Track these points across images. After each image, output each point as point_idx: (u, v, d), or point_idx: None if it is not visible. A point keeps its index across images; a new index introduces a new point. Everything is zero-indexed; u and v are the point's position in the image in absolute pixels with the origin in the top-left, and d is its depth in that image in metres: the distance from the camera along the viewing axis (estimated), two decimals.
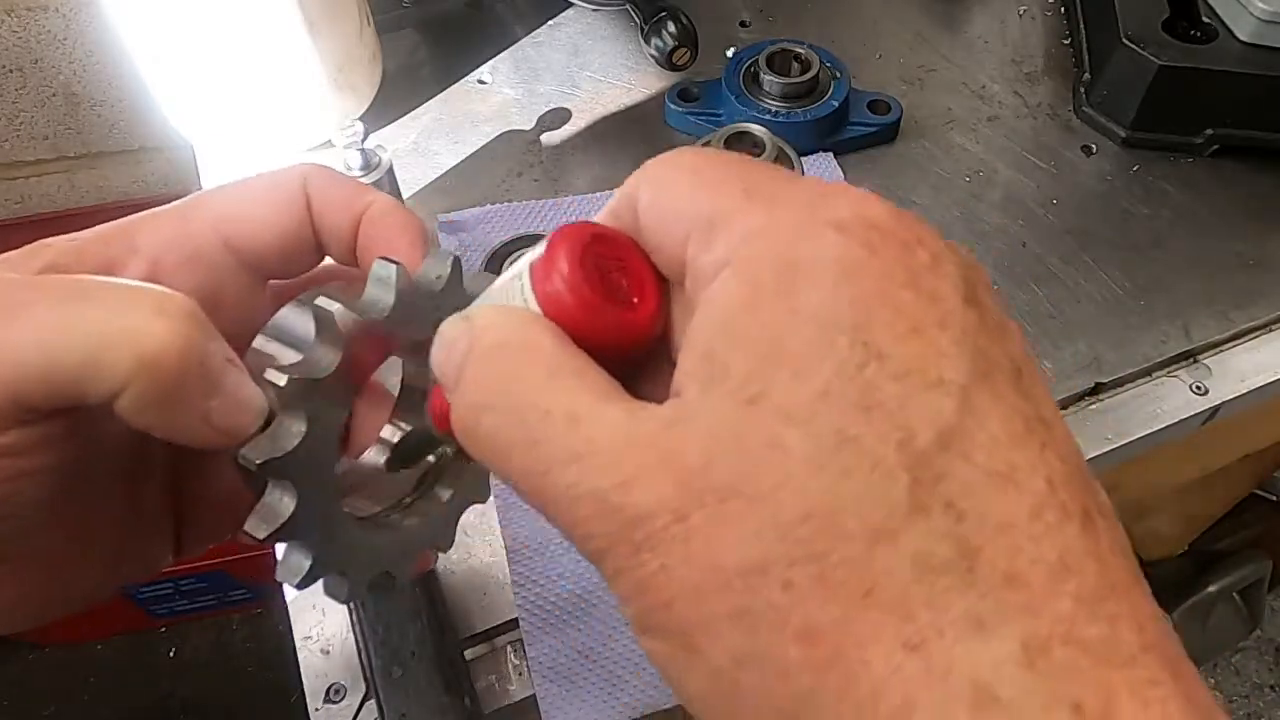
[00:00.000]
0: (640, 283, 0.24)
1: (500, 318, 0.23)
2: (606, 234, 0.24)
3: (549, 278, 0.23)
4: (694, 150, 0.24)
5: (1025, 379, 0.21)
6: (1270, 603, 1.58)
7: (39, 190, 1.37)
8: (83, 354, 0.24)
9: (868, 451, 0.18)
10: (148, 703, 1.44)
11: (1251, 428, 0.79)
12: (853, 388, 0.19)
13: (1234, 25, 0.72)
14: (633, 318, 0.24)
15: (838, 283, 0.20)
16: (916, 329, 0.19)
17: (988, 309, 0.21)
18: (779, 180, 0.22)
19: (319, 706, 0.50)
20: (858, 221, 0.21)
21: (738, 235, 0.21)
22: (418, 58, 0.82)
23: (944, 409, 0.19)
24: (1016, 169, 0.74)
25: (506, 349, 0.22)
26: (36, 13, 1.17)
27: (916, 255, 0.21)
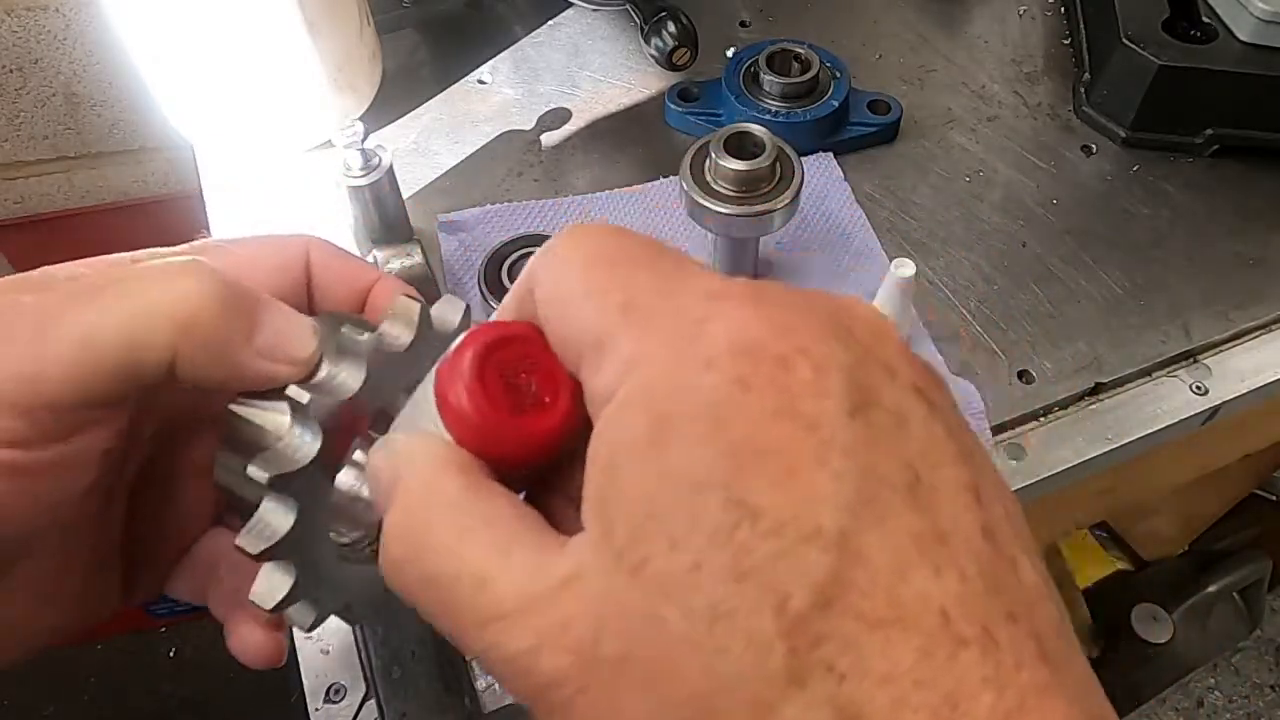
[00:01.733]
0: (550, 379, 0.24)
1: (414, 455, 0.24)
2: (508, 335, 0.24)
3: (450, 397, 0.24)
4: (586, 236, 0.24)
5: (924, 483, 0.20)
6: (1270, 603, 1.58)
7: (39, 190, 1.37)
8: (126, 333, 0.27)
9: (741, 626, 0.18)
10: (148, 703, 1.44)
11: (1251, 428, 0.79)
12: (725, 555, 0.18)
13: (1234, 25, 0.72)
14: (540, 425, 0.24)
15: (707, 436, 0.19)
16: (791, 471, 0.19)
17: (882, 408, 0.20)
18: (657, 293, 0.22)
19: (319, 706, 0.50)
20: (730, 353, 0.20)
21: (618, 365, 0.21)
22: (418, 58, 0.82)
23: (819, 565, 0.18)
24: (1016, 169, 0.74)
25: (418, 499, 0.23)
26: (36, 13, 1.17)
27: (796, 373, 0.20)
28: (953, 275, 0.67)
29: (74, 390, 0.26)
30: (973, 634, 0.18)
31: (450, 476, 0.23)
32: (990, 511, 0.20)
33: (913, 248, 0.69)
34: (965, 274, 0.67)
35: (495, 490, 0.23)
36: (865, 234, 0.69)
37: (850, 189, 0.71)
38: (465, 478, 0.23)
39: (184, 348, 0.27)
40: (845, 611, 0.18)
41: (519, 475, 0.25)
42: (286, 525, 0.27)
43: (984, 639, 0.18)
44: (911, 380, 0.21)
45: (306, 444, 0.27)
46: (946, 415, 0.22)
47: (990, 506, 0.21)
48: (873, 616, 0.18)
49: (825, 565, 0.18)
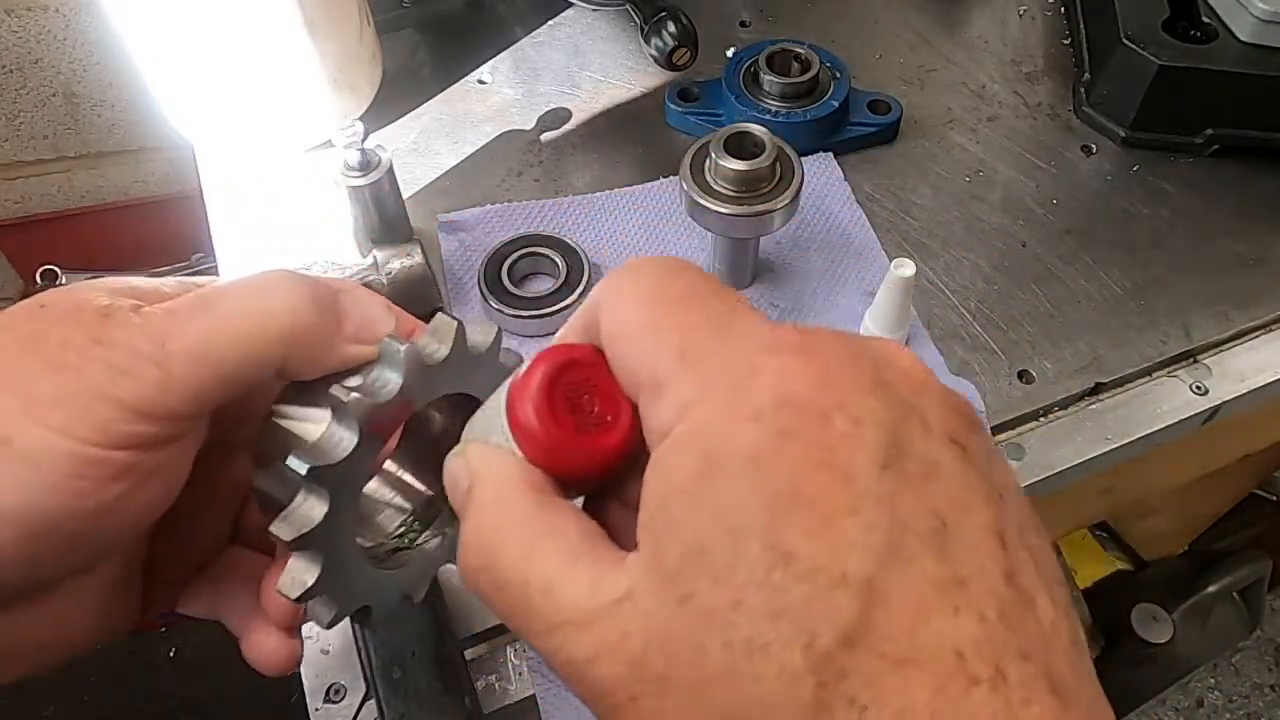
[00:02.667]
0: (612, 401, 0.26)
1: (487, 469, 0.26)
2: (575, 358, 0.26)
3: (520, 416, 0.26)
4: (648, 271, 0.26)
5: (950, 530, 0.21)
6: (1270, 603, 1.58)
7: (39, 190, 1.37)
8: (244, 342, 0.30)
9: (774, 658, 0.20)
10: (148, 703, 1.44)
11: (1251, 428, 0.79)
12: (762, 595, 0.21)
13: (1234, 25, 0.72)
14: (603, 444, 0.26)
15: (753, 482, 0.21)
16: (826, 521, 0.21)
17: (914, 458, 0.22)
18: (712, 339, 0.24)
19: (319, 706, 0.50)
20: (775, 405, 0.22)
21: (674, 406, 0.23)
22: (418, 58, 0.82)
23: (847, 608, 0.20)
24: (1016, 169, 0.74)
25: (492, 513, 0.26)
26: (36, 13, 1.17)
27: (834, 427, 0.22)
28: (953, 275, 0.67)
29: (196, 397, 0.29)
30: (985, 673, 0.20)
31: (520, 492, 0.26)
32: (1014, 554, 0.22)
33: (913, 248, 0.69)
34: (965, 274, 0.67)
35: (560, 505, 0.26)
36: (865, 234, 0.69)
37: (850, 189, 0.71)
38: (534, 494, 0.26)
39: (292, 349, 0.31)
40: (868, 651, 0.20)
41: (581, 487, 0.27)
42: (320, 515, 0.29)
43: (995, 677, 0.20)
44: (945, 429, 0.23)
45: (345, 439, 0.29)
46: (978, 460, 0.23)
47: (1014, 549, 0.22)
48: (893, 656, 0.20)
49: (852, 609, 0.20)
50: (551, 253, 0.65)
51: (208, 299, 0.31)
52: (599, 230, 0.69)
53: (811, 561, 0.20)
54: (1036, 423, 0.62)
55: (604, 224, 0.69)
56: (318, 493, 0.29)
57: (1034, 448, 0.60)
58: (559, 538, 0.25)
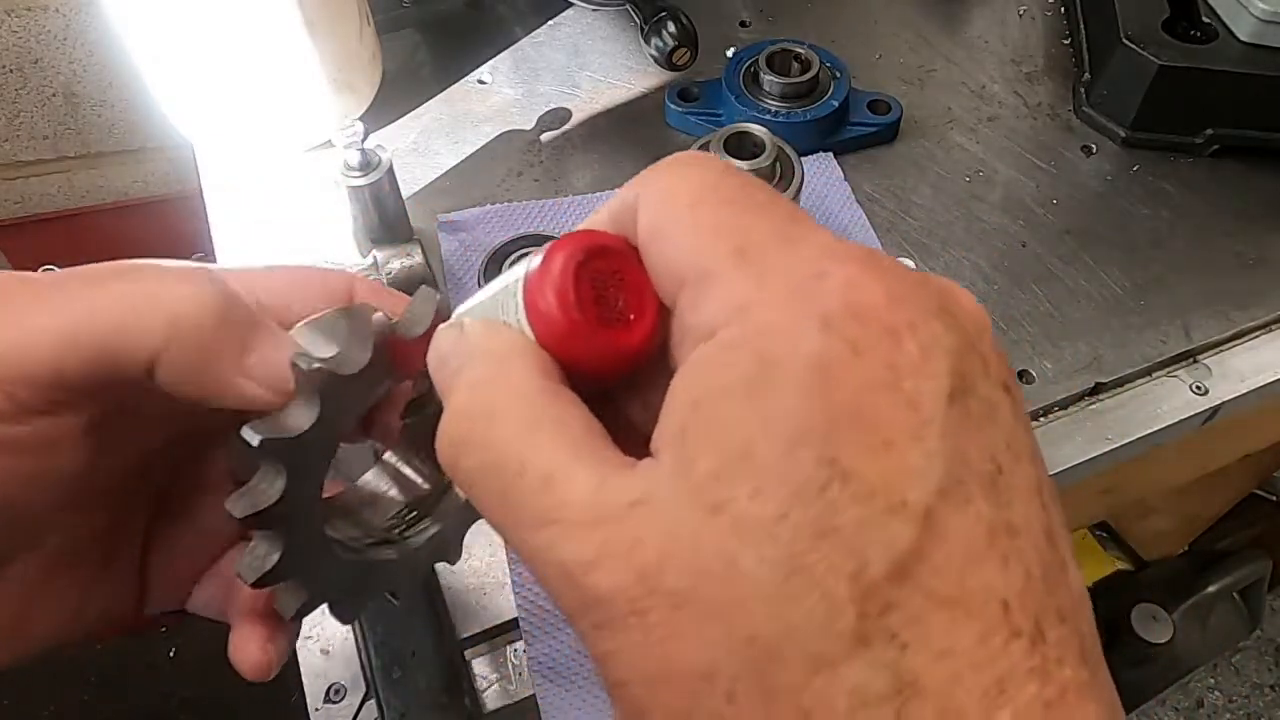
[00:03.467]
0: (638, 297, 0.24)
1: (489, 343, 0.24)
2: (604, 246, 0.24)
3: (540, 297, 0.23)
4: (698, 168, 0.23)
5: (1005, 476, 0.20)
6: (1270, 603, 1.58)
7: (39, 190, 1.37)
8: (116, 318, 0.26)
9: (818, 582, 0.19)
10: (148, 703, 1.44)
11: (1251, 428, 0.79)
12: (811, 513, 0.19)
13: (1234, 25, 0.72)
14: (625, 340, 0.23)
15: (812, 391, 0.20)
16: (888, 443, 0.19)
17: (977, 396, 0.21)
18: (774, 241, 0.22)
19: (319, 706, 0.50)
20: (845, 314, 0.20)
21: (725, 305, 0.21)
22: (418, 58, 0.82)
23: (901, 537, 0.19)
24: (1016, 169, 0.74)
25: (490, 386, 0.23)
26: (36, 13, 1.17)
27: (904, 349, 0.20)
28: (953, 275, 0.67)
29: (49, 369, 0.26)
30: (1027, 627, 0.19)
31: (529, 369, 0.23)
32: (1052, 514, 0.21)
33: (913, 248, 0.69)
34: (965, 274, 0.67)
35: (569, 395, 0.23)
36: (865, 234, 0.69)
37: (850, 189, 0.71)
38: (541, 375, 0.23)
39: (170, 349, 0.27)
40: (917, 586, 0.19)
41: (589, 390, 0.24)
42: (276, 492, 0.27)
43: (1035, 633, 0.19)
44: (1002, 375, 0.22)
45: (302, 414, 0.27)
46: (1023, 413, 0.22)
47: (1052, 510, 0.21)
48: (941, 595, 0.19)
49: (907, 538, 0.19)
50: None
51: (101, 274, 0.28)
52: None
53: (869, 483, 0.19)
54: (1036, 423, 0.62)
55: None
56: (275, 468, 0.27)
57: None
58: (565, 425, 0.22)
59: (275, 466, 0.27)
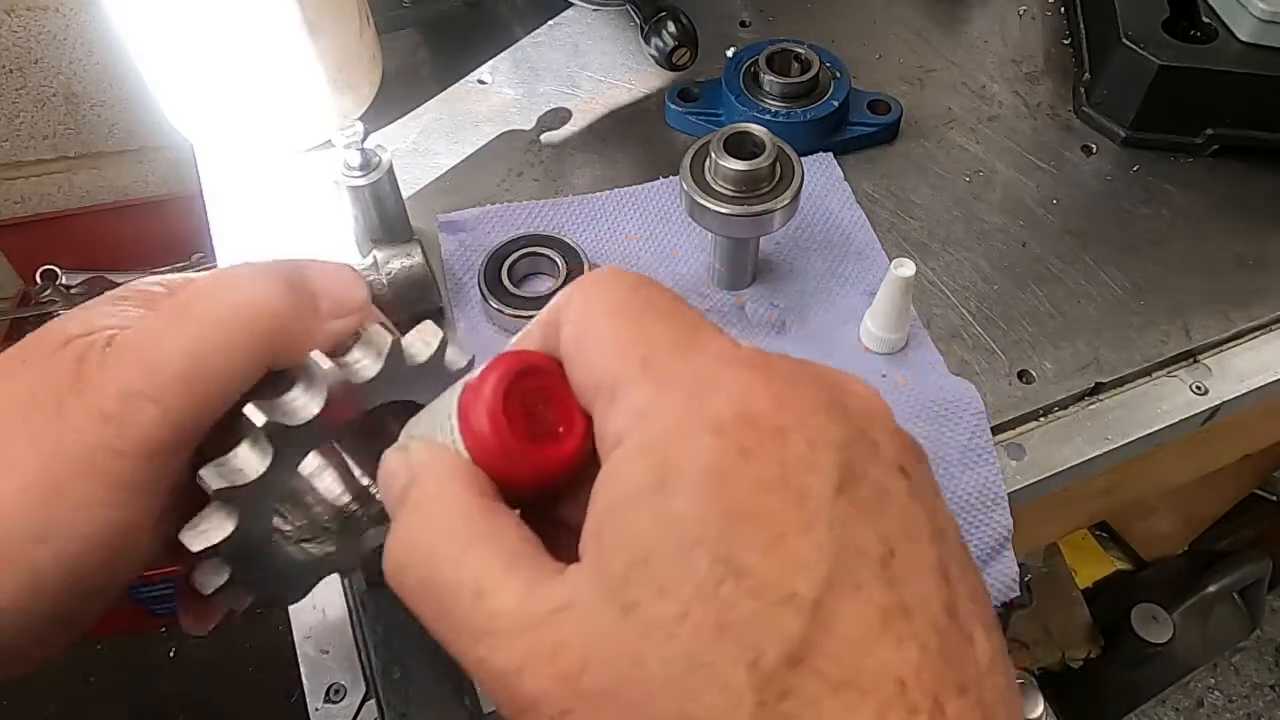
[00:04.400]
0: (566, 411, 0.26)
1: (430, 465, 0.26)
2: (532, 365, 0.26)
3: (473, 419, 0.25)
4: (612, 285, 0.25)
5: (897, 560, 0.21)
6: (1270, 603, 1.58)
7: (39, 190, 1.37)
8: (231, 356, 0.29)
9: (717, 675, 0.20)
10: (148, 703, 1.44)
11: (1251, 428, 0.79)
12: (710, 610, 0.20)
13: (1234, 25, 0.72)
14: (554, 454, 0.25)
15: (707, 494, 0.21)
16: (779, 538, 0.21)
17: (867, 483, 0.22)
18: (674, 350, 0.24)
19: (319, 706, 0.50)
20: (735, 419, 0.22)
21: (630, 413, 0.23)
22: (418, 58, 0.82)
23: (793, 626, 0.20)
24: (1016, 169, 0.74)
25: (429, 507, 0.25)
26: (36, 13, 1.17)
27: (791, 447, 0.22)
28: (953, 275, 0.67)
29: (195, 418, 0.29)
30: (924, 704, 0.20)
31: (465, 490, 0.25)
32: (955, 589, 0.22)
33: (913, 248, 0.69)
34: (965, 274, 0.67)
35: (502, 510, 0.25)
36: (865, 234, 0.69)
37: (850, 189, 0.71)
38: (477, 495, 0.25)
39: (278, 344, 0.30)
40: (811, 672, 0.20)
41: (524, 500, 0.26)
42: (228, 530, 0.29)
43: (934, 709, 0.20)
44: (896, 458, 0.23)
45: (255, 462, 0.29)
46: (924, 494, 0.23)
47: (956, 584, 0.22)
48: (835, 679, 0.20)
49: (798, 628, 0.20)
50: (551, 253, 0.65)
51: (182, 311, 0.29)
52: (599, 230, 0.69)
53: (762, 578, 0.20)
54: (1036, 423, 0.62)
55: (604, 224, 0.69)
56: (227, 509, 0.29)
57: (1034, 448, 0.60)
58: (497, 541, 0.24)
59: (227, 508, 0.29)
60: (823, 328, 0.64)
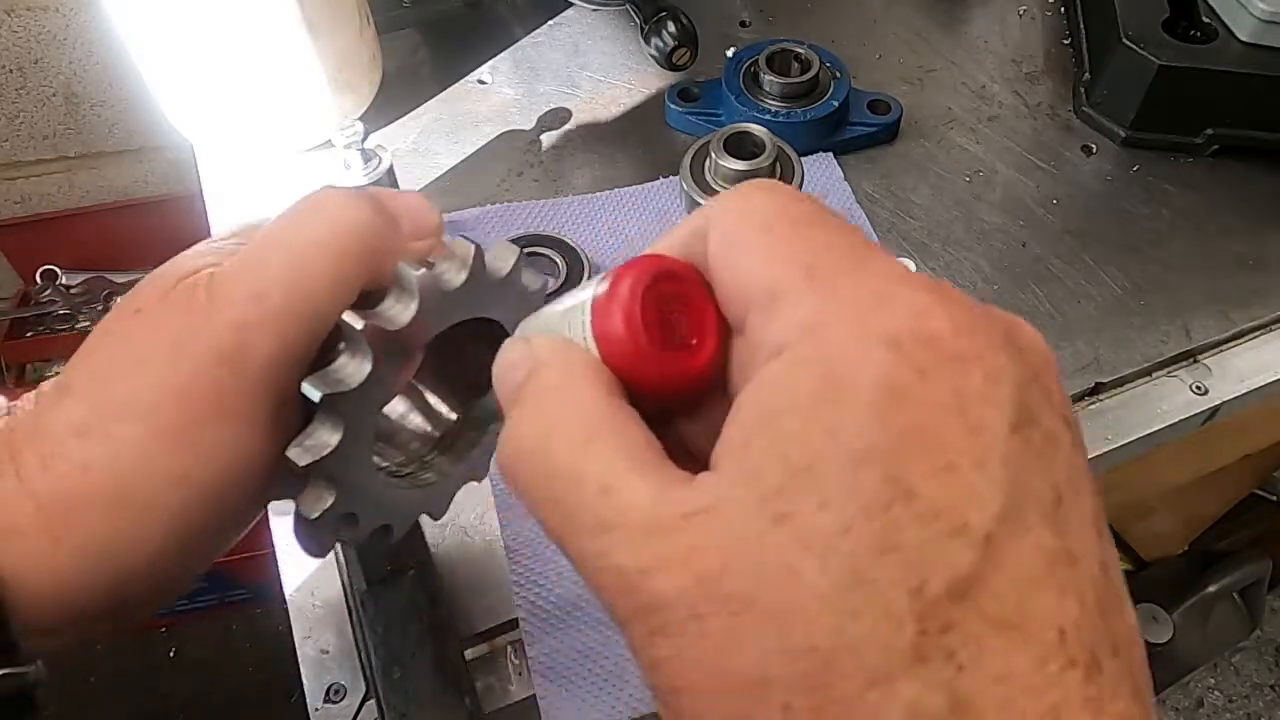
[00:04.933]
0: (701, 323, 0.24)
1: (555, 356, 0.24)
2: (672, 270, 0.25)
3: (607, 320, 0.24)
4: (769, 193, 0.24)
5: (1064, 506, 0.21)
6: (1270, 603, 1.58)
7: (39, 190, 1.37)
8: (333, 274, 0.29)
9: (879, 596, 0.19)
10: (148, 703, 1.44)
11: (1251, 428, 0.79)
12: (875, 528, 0.19)
13: (1234, 25, 0.72)
14: (688, 365, 0.24)
15: (879, 410, 0.20)
16: (951, 466, 0.20)
17: (1039, 427, 0.21)
18: (843, 261, 0.22)
19: (319, 706, 0.50)
20: (913, 338, 0.20)
21: (794, 322, 0.21)
22: (418, 58, 0.82)
23: (962, 559, 0.19)
24: (1016, 169, 0.74)
25: (554, 397, 0.24)
26: (36, 13, 1.17)
27: (970, 377, 0.20)
28: (953, 275, 0.67)
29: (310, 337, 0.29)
30: (1082, 657, 0.19)
31: (591, 383, 0.23)
32: (1107, 548, 0.22)
33: (913, 248, 0.69)
34: (965, 274, 0.67)
35: (630, 412, 0.23)
36: (865, 234, 0.69)
37: (850, 189, 0.71)
38: (606, 391, 0.23)
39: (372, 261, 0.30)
40: (975, 608, 0.19)
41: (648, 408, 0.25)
42: (334, 442, 0.28)
43: (1091, 664, 0.19)
44: (1063, 410, 0.22)
45: (357, 368, 0.28)
46: (1084, 448, 0.23)
47: (1107, 543, 0.22)
48: (999, 619, 0.19)
49: (967, 560, 0.19)
50: (551, 253, 0.65)
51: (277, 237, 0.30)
52: (599, 230, 0.69)
53: (933, 503, 0.19)
54: None
55: (604, 224, 0.69)
56: (332, 420, 0.29)
57: None
58: (625, 439, 0.22)
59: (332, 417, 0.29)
60: None
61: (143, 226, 1.40)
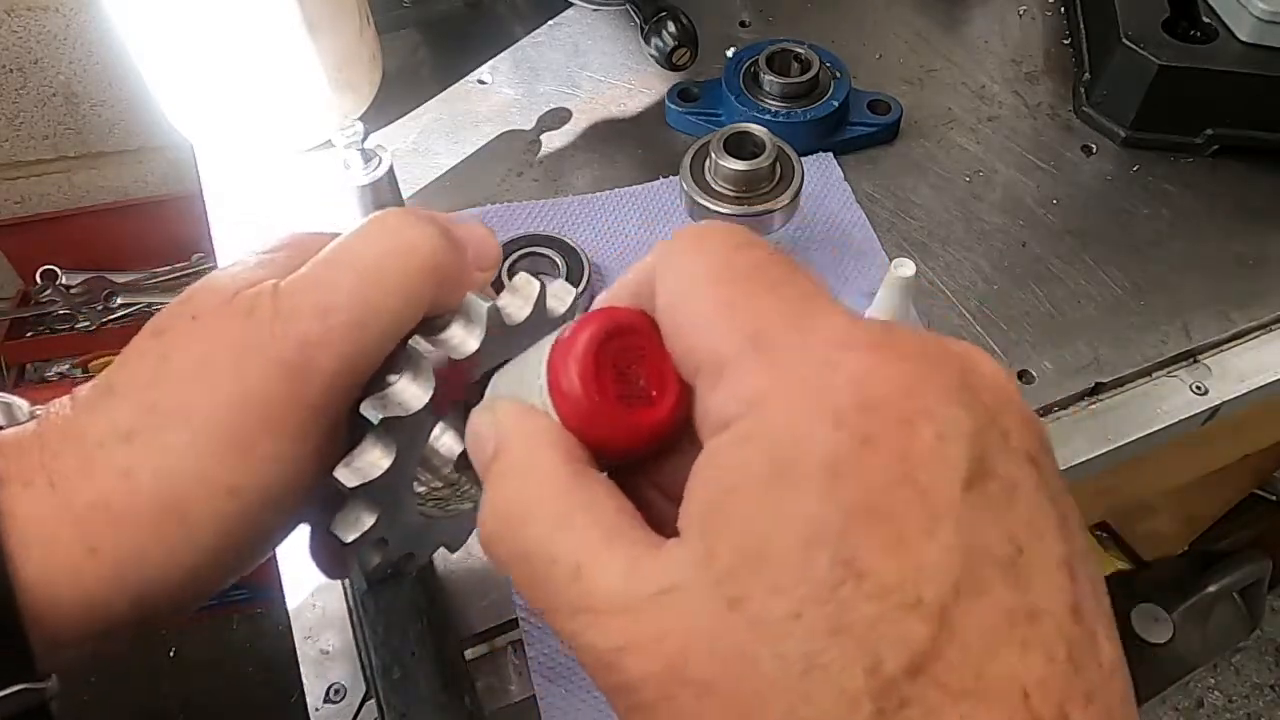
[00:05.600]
0: (660, 373, 0.24)
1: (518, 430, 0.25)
2: (626, 324, 0.24)
3: (562, 380, 0.24)
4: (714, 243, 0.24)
5: (1025, 556, 0.20)
6: (1270, 603, 1.58)
7: (39, 190, 1.37)
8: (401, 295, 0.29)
9: (833, 678, 0.19)
10: (148, 703, 1.44)
11: (1251, 428, 0.79)
12: (826, 611, 0.19)
13: (1234, 25, 0.72)
14: (647, 419, 0.24)
15: (826, 490, 0.20)
16: (901, 539, 0.19)
17: (996, 478, 0.21)
18: (786, 327, 0.22)
19: (319, 706, 0.50)
20: (857, 409, 0.20)
21: (740, 396, 0.21)
22: (418, 58, 0.82)
23: (916, 634, 0.19)
24: (1016, 169, 0.74)
25: (520, 477, 0.24)
26: (36, 13, 1.17)
27: (918, 439, 0.20)
28: (953, 275, 0.67)
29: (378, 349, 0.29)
30: (1049, 714, 0.19)
31: (555, 457, 0.24)
32: (1080, 586, 0.21)
33: (913, 248, 0.69)
34: (965, 274, 0.67)
35: (596, 477, 0.24)
36: (865, 234, 0.69)
37: (850, 189, 0.71)
38: (569, 461, 0.24)
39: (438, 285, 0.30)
40: (933, 681, 0.19)
41: (614, 461, 0.25)
42: (385, 464, 0.28)
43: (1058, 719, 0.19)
44: (1025, 447, 0.22)
45: (418, 393, 0.28)
46: (1052, 482, 0.22)
47: (1080, 581, 0.21)
48: (958, 689, 0.19)
49: (922, 635, 0.19)
50: (551, 253, 0.65)
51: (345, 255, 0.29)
52: (599, 230, 0.69)
53: (884, 581, 0.19)
54: None
55: (604, 224, 0.69)
56: (385, 442, 0.28)
57: None
58: (593, 512, 0.23)
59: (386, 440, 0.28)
60: None
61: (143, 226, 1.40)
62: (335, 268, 0.29)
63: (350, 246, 0.29)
